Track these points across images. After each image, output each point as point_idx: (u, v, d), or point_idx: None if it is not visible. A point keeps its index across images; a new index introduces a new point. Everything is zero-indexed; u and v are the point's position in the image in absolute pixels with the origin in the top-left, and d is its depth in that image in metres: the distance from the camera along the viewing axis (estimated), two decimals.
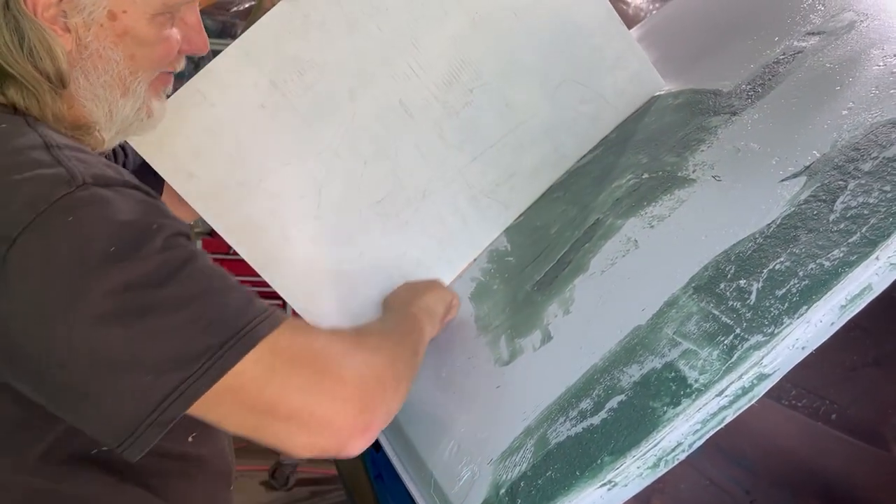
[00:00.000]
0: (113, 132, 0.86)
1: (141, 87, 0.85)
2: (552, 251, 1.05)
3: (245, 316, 0.69)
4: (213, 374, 0.66)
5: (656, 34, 1.53)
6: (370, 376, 0.73)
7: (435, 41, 1.12)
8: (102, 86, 0.83)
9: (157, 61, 0.85)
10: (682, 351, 0.76)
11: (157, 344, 0.65)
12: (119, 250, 0.66)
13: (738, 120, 1.00)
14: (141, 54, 0.83)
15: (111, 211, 0.67)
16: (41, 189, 0.66)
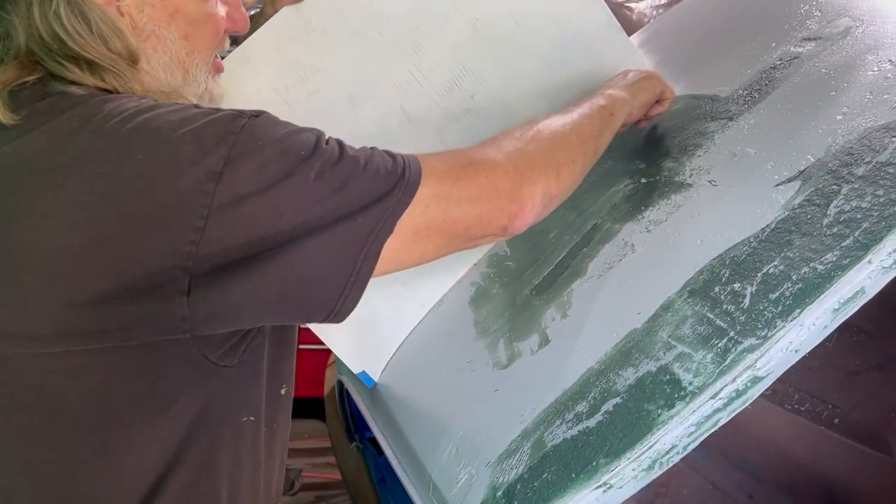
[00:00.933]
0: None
1: (200, 71, 0.85)
2: (551, 255, 1.06)
3: (399, 164, 0.79)
4: (405, 198, 0.77)
5: (656, 40, 1.54)
6: (522, 164, 0.84)
7: (436, 48, 1.13)
8: (164, 69, 0.83)
9: (210, 40, 0.85)
10: (676, 354, 0.77)
11: (359, 198, 0.73)
12: (306, 153, 0.72)
13: (734, 125, 1.01)
14: (195, 33, 0.83)
15: (282, 127, 0.73)
16: (223, 127, 0.70)
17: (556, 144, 0.89)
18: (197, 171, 0.67)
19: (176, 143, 0.68)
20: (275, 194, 0.70)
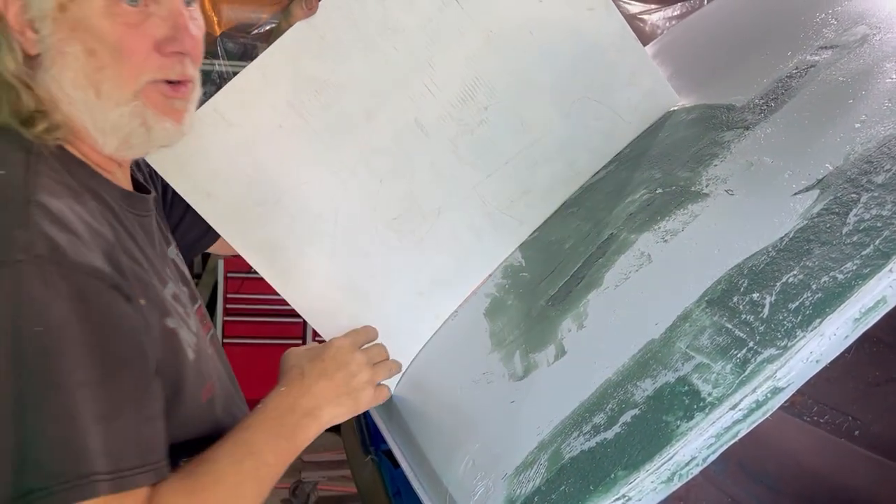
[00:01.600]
0: (108, 138, 0.84)
1: (121, 93, 0.82)
2: (566, 266, 1.05)
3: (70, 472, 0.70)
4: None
5: (671, 50, 1.54)
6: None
7: (450, 60, 1.13)
8: (71, 84, 0.81)
9: (129, 62, 0.81)
10: (695, 365, 0.76)
11: (32, 446, 0.68)
12: (45, 343, 0.69)
13: (750, 134, 1.00)
14: (101, 50, 0.80)
15: (49, 295, 0.69)
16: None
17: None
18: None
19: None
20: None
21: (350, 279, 1.16)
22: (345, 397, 0.96)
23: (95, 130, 0.84)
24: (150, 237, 0.94)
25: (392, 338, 1.19)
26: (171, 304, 0.88)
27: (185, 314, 0.93)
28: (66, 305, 0.71)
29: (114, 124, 0.83)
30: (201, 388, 0.90)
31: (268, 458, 0.87)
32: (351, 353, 0.99)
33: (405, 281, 1.18)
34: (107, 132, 0.84)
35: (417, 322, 1.20)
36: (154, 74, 0.83)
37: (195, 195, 1.07)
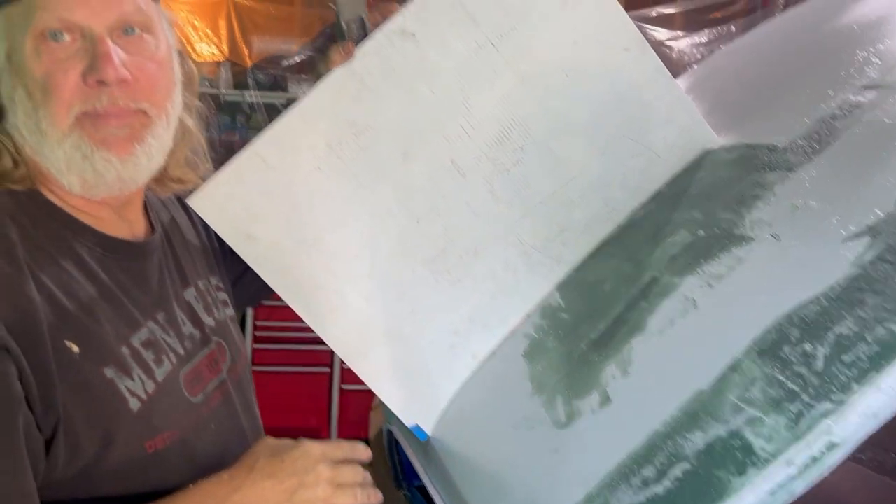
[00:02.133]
0: (71, 178, 0.86)
1: (58, 128, 0.84)
2: (607, 309, 1.04)
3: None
4: None
5: (704, 85, 1.53)
6: None
7: (486, 101, 1.13)
8: (25, 128, 0.85)
9: (58, 95, 0.83)
10: (747, 418, 0.75)
11: None
12: None
13: (794, 176, 0.99)
14: (34, 88, 0.83)
15: None
16: None
17: None
18: None
19: None
20: None
21: (387, 319, 1.16)
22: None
23: (55, 171, 0.87)
24: (138, 281, 0.95)
25: (429, 378, 1.19)
26: (124, 353, 0.88)
27: (156, 360, 0.92)
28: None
29: (66, 161, 0.85)
30: (147, 438, 0.88)
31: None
32: (314, 463, 0.89)
33: (441, 320, 1.18)
34: (63, 172, 0.86)
35: (454, 362, 1.19)
36: (81, 106, 0.85)
37: (235, 237, 1.08)
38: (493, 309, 1.19)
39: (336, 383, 3.56)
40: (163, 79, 0.91)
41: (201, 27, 3.77)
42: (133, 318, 0.91)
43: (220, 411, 1.01)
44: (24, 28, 0.83)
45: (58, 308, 0.83)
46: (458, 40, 1.09)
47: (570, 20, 1.12)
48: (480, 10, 1.09)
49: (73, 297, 0.85)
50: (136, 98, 0.88)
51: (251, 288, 1.23)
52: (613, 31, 1.15)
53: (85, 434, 0.82)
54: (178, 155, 1.03)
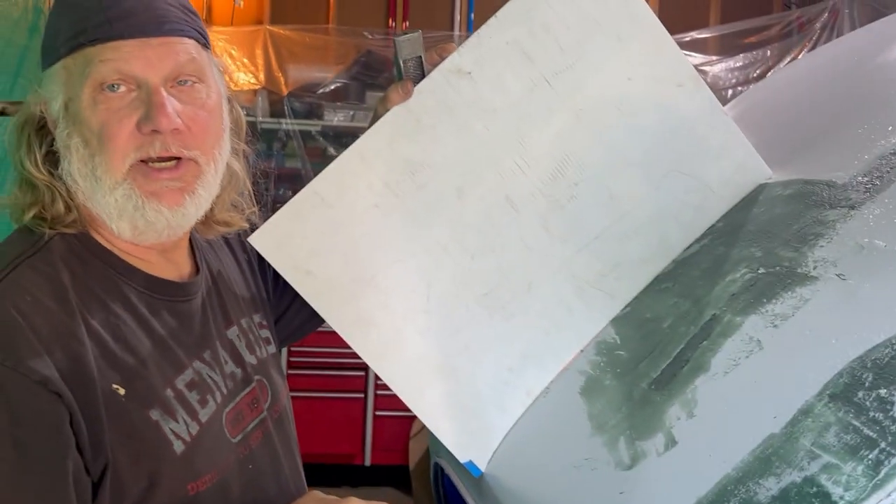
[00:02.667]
0: (122, 224, 0.89)
1: (113, 176, 0.87)
2: (667, 347, 1.04)
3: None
4: None
5: (752, 116, 1.52)
6: None
7: (540, 138, 1.14)
8: (78, 175, 0.88)
9: (111, 142, 0.86)
10: (822, 464, 0.74)
11: None
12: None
13: (857, 214, 0.98)
14: (91, 138, 0.86)
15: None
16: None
17: None
18: None
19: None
20: None
21: (441, 355, 1.16)
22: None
23: (106, 217, 0.89)
24: (184, 322, 0.96)
25: (483, 414, 1.19)
26: (168, 395, 0.89)
27: (201, 401, 0.93)
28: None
29: (117, 209, 0.88)
30: (190, 480, 0.89)
31: None
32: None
33: (495, 356, 1.18)
34: (114, 217, 0.89)
35: (508, 398, 1.19)
36: (136, 154, 0.87)
37: (295, 273, 1.09)
38: (546, 345, 1.19)
39: (370, 409, 3.56)
40: (213, 126, 0.94)
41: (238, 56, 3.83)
42: (178, 360, 0.92)
43: (259, 451, 1.01)
44: (82, 79, 0.86)
45: (106, 351, 0.85)
46: (513, 78, 1.10)
47: (624, 56, 1.13)
48: (536, 49, 1.10)
49: (120, 340, 0.87)
50: (188, 146, 0.90)
51: (293, 324, 1.24)
52: (667, 66, 1.15)
53: (130, 477, 0.83)
54: (225, 198, 1.04)
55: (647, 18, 1.13)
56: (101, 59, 0.85)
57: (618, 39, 1.13)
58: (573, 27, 1.10)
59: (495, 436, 1.18)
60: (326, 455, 3.48)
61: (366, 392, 3.56)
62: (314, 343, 3.50)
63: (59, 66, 0.88)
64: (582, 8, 1.10)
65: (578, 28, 1.11)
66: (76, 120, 0.87)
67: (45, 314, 0.82)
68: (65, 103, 0.87)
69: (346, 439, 3.56)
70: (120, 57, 0.86)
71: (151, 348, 0.90)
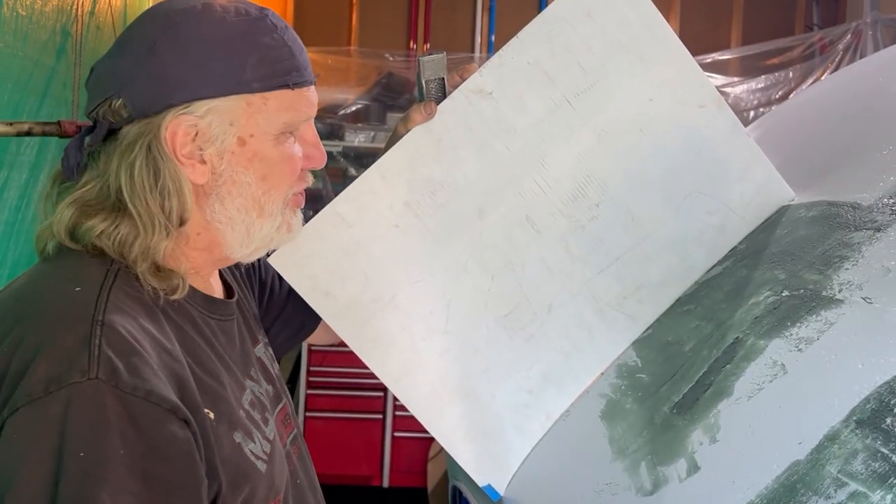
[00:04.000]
0: (251, 248, 0.91)
1: (276, 207, 0.90)
2: (689, 370, 1.02)
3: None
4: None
5: (774, 139, 1.51)
6: None
7: (561, 158, 1.14)
8: (238, 209, 0.88)
9: (286, 178, 0.90)
10: (850, 492, 0.72)
11: None
12: (86, 467, 0.69)
13: (883, 237, 0.97)
14: (271, 174, 0.88)
15: (99, 418, 0.71)
16: (58, 369, 0.72)
17: None
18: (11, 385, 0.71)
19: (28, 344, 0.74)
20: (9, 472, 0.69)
21: (460, 376, 1.15)
22: None
23: (241, 241, 0.89)
24: (231, 341, 0.96)
25: (502, 437, 1.18)
26: (242, 416, 0.89)
27: (263, 420, 0.93)
28: (116, 429, 0.71)
29: (264, 234, 0.90)
30: (272, 499, 0.89)
31: None
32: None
33: (515, 378, 1.17)
34: (253, 241, 0.90)
35: (527, 421, 1.18)
36: (298, 187, 0.93)
37: (314, 294, 1.09)
38: (567, 367, 1.18)
39: (389, 430, 3.54)
40: None
41: None
42: (239, 380, 0.92)
43: (299, 466, 1.02)
44: (273, 118, 0.86)
45: (195, 374, 0.83)
46: (535, 99, 1.11)
47: (646, 77, 1.13)
48: (558, 69, 1.10)
49: (199, 362, 0.86)
50: None
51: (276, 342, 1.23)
52: (689, 87, 1.15)
53: (231, 502, 0.83)
54: None
55: (670, 39, 1.13)
56: (298, 106, 0.88)
57: (640, 60, 1.13)
58: (595, 48, 1.11)
59: (514, 459, 1.17)
60: (344, 476, 3.46)
61: (384, 413, 3.54)
62: (333, 363, 3.51)
63: (239, 100, 0.85)
64: (604, 29, 1.10)
65: (601, 49, 1.11)
66: (256, 157, 0.87)
67: (150, 338, 0.79)
68: (240, 138, 0.85)
69: (364, 461, 3.54)
70: (308, 104, 0.90)
71: (222, 369, 0.89)
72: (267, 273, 1.17)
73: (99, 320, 0.76)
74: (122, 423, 0.72)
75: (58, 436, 0.70)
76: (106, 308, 0.77)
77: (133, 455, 0.71)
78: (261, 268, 1.17)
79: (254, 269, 1.17)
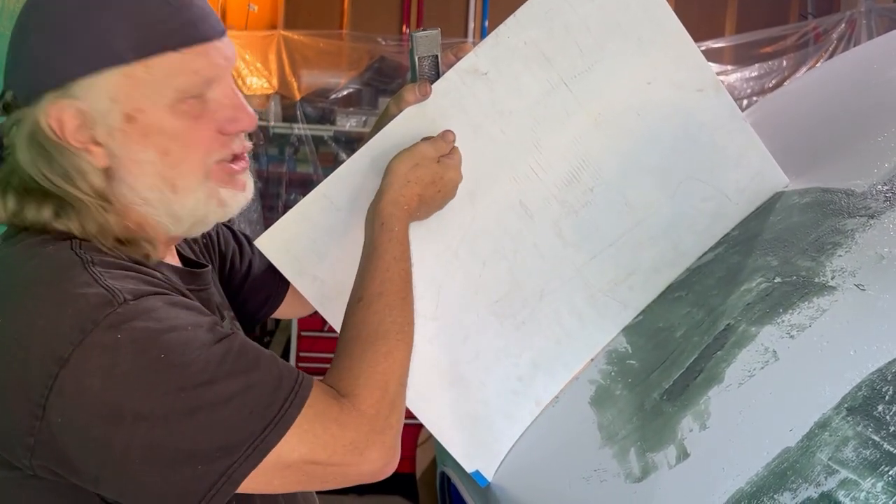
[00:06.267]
0: (186, 225, 0.87)
1: (193, 181, 0.84)
2: (680, 357, 1.01)
3: (278, 400, 0.76)
4: (256, 456, 0.74)
5: (768, 125, 1.50)
6: (383, 403, 0.84)
7: (556, 142, 1.12)
8: (149, 188, 0.83)
9: (196, 149, 0.83)
10: (840, 480, 0.71)
11: (206, 436, 0.73)
12: (167, 357, 0.73)
13: (877, 224, 0.96)
14: (173, 147, 0.82)
15: (153, 322, 0.74)
16: (86, 310, 0.72)
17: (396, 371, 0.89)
18: (44, 350, 0.71)
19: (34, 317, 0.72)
20: (120, 395, 0.71)
21: (450, 362, 1.14)
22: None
23: (169, 220, 0.86)
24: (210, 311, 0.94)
25: (491, 423, 1.17)
26: None
27: None
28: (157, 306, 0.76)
29: (191, 211, 0.85)
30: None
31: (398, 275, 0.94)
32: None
33: (505, 365, 1.16)
34: (183, 218, 0.86)
35: (517, 408, 1.17)
36: (219, 155, 0.85)
37: (300, 277, 1.08)
38: (557, 354, 1.17)
39: None
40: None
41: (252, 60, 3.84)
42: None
43: None
44: (160, 87, 0.80)
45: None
46: (531, 80, 1.09)
47: (644, 60, 1.11)
48: (555, 50, 1.08)
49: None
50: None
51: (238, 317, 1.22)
52: (688, 71, 1.13)
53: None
54: None
55: (669, 21, 1.11)
56: (192, 68, 0.80)
57: (638, 42, 1.11)
58: (593, 29, 1.09)
59: (503, 445, 1.16)
60: None
61: None
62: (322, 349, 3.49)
63: (116, 74, 0.79)
64: (603, 9, 1.08)
65: (599, 30, 1.09)
66: (150, 131, 0.80)
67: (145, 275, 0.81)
68: (127, 115, 0.80)
69: None
70: (208, 63, 0.82)
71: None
72: (227, 247, 1.15)
73: (90, 261, 0.77)
74: (171, 310, 0.77)
75: (137, 348, 0.72)
76: (89, 255, 0.78)
77: (203, 327, 0.77)
78: (220, 241, 1.14)
79: (212, 242, 1.14)
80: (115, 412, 0.71)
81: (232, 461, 0.73)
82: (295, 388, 0.78)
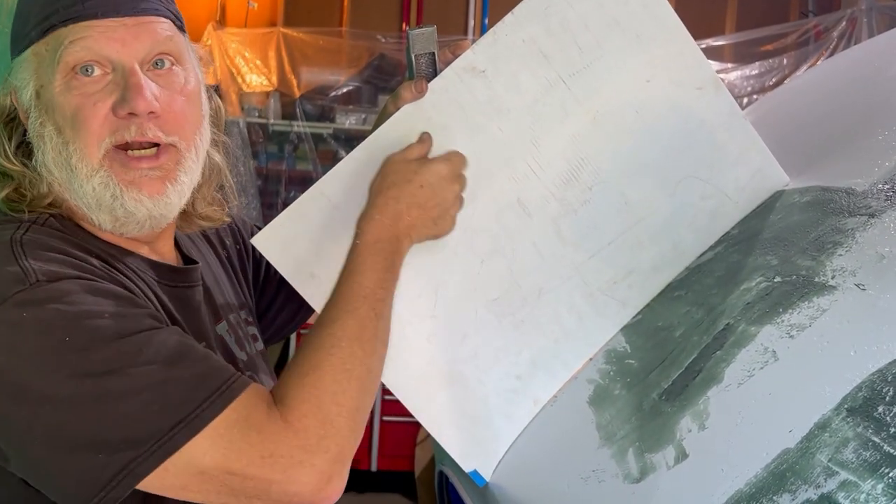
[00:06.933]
0: (106, 219, 0.86)
1: (89, 163, 0.83)
2: (679, 356, 1.01)
3: (195, 399, 0.74)
4: (161, 454, 0.72)
5: (768, 123, 1.49)
6: (314, 420, 0.78)
7: (555, 140, 1.11)
8: (54, 165, 0.85)
9: (84, 128, 0.82)
10: (840, 482, 0.71)
11: (111, 426, 0.72)
12: (72, 340, 0.72)
13: (877, 223, 0.95)
14: (64, 125, 0.83)
15: (63, 305, 0.73)
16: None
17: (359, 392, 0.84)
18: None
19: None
20: (24, 374, 0.72)
21: (448, 361, 1.14)
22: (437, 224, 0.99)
23: (85, 208, 0.86)
24: (185, 307, 0.94)
25: (489, 422, 1.16)
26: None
27: None
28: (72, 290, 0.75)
29: (95, 198, 0.85)
30: None
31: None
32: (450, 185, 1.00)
33: (503, 364, 1.16)
34: (93, 208, 0.86)
35: (515, 407, 1.17)
36: (111, 139, 0.84)
37: (298, 276, 1.07)
38: (556, 353, 1.17)
39: (377, 414, 3.53)
40: (192, 112, 0.90)
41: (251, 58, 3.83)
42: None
43: None
44: (53, 63, 0.82)
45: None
46: (529, 78, 1.08)
47: (644, 58, 1.10)
48: (553, 48, 1.07)
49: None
50: (167, 131, 0.86)
51: (275, 323, 1.21)
52: (687, 69, 1.12)
53: None
54: (206, 192, 1.01)
55: (669, 18, 1.10)
56: (71, 39, 0.82)
57: (637, 40, 1.10)
58: (592, 26, 1.08)
59: (501, 445, 1.16)
60: None
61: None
62: None
63: (29, 52, 0.85)
64: (602, 6, 1.08)
65: (597, 27, 1.08)
66: (48, 107, 0.84)
67: (78, 260, 0.81)
68: (36, 91, 0.84)
69: None
70: (92, 39, 0.82)
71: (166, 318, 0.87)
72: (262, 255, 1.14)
73: (15, 240, 0.78)
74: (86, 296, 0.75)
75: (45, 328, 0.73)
76: (22, 238, 0.79)
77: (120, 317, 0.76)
78: (256, 250, 1.13)
79: (246, 250, 1.14)
80: (19, 390, 0.72)
81: (136, 455, 0.71)
82: (221, 389, 0.75)
